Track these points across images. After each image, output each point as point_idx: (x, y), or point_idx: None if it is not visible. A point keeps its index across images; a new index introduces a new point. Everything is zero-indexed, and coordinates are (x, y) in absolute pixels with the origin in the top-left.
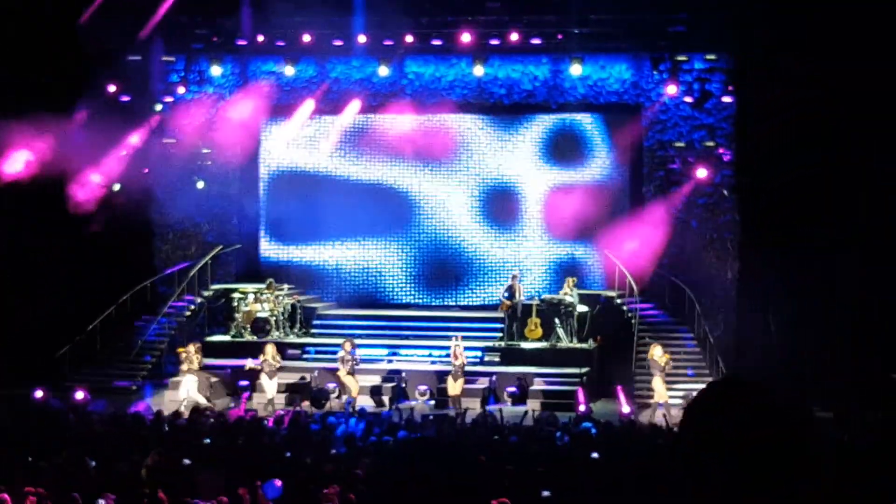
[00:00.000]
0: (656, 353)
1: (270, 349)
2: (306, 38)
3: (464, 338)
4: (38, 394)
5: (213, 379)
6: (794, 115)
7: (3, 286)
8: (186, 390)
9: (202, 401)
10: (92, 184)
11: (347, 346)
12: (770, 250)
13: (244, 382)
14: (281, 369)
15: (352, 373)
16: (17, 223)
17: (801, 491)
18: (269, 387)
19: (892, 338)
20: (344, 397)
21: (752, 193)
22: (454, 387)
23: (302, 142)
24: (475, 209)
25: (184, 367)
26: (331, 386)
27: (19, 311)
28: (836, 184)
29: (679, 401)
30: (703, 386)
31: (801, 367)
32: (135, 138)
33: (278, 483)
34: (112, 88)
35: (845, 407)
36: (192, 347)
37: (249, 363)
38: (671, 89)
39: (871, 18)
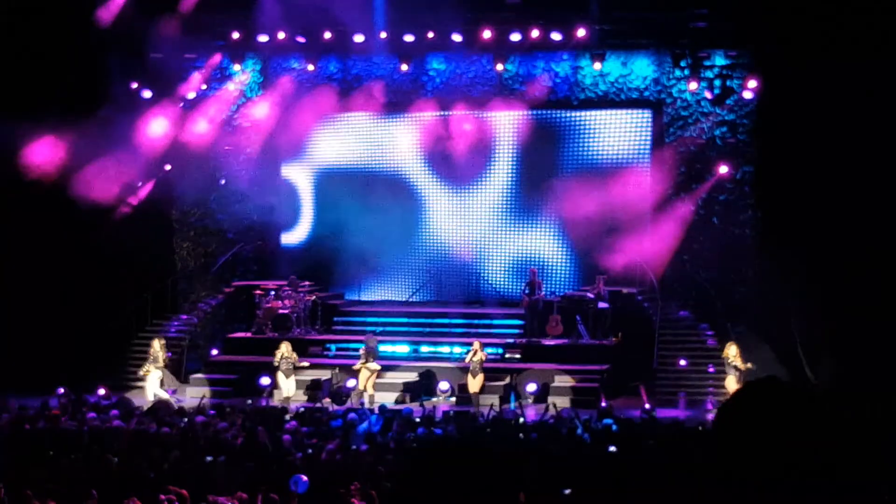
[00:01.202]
0: (731, 352)
1: (285, 347)
2: (327, 34)
3: (484, 334)
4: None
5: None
6: (816, 111)
7: (23, 286)
8: (152, 387)
9: (164, 396)
10: (113, 181)
11: (372, 343)
12: (791, 246)
13: (266, 380)
14: (298, 368)
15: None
16: (39, 221)
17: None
18: (287, 385)
19: None
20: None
21: (774, 190)
22: (473, 383)
23: (325, 138)
24: (497, 204)
25: (149, 363)
26: (352, 382)
27: (40, 310)
28: (859, 179)
29: None
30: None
31: (821, 363)
32: (156, 135)
33: (305, 478)
34: (134, 85)
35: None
36: (156, 343)
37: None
38: (692, 86)
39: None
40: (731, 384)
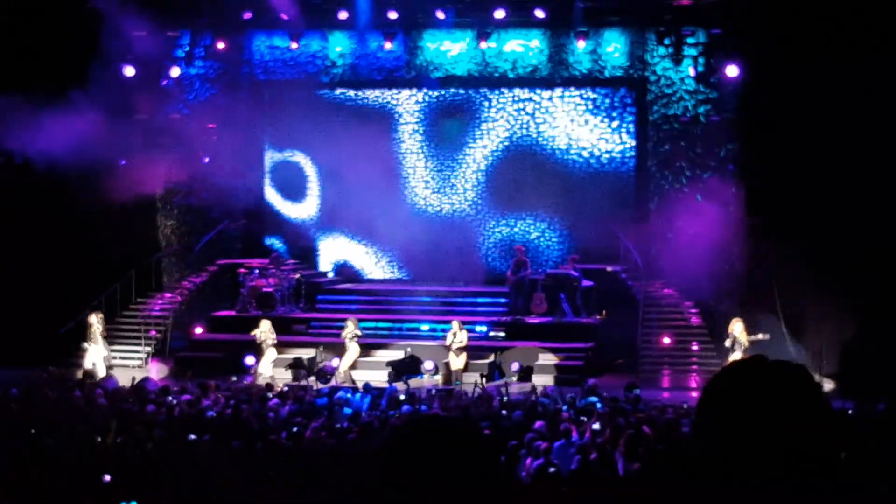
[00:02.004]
0: (736, 329)
1: (265, 324)
2: (310, 12)
3: (469, 313)
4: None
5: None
6: (801, 87)
7: (5, 265)
8: (92, 361)
9: (102, 372)
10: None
11: (351, 325)
12: (776, 222)
13: (250, 359)
14: (278, 345)
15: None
16: (21, 200)
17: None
18: (264, 362)
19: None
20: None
21: (758, 166)
22: (456, 361)
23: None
24: (482, 183)
25: (90, 337)
26: (335, 361)
27: (23, 288)
28: (846, 155)
29: None
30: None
31: (806, 339)
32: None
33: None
34: (118, 64)
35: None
36: (94, 318)
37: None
38: (677, 63)
39: None
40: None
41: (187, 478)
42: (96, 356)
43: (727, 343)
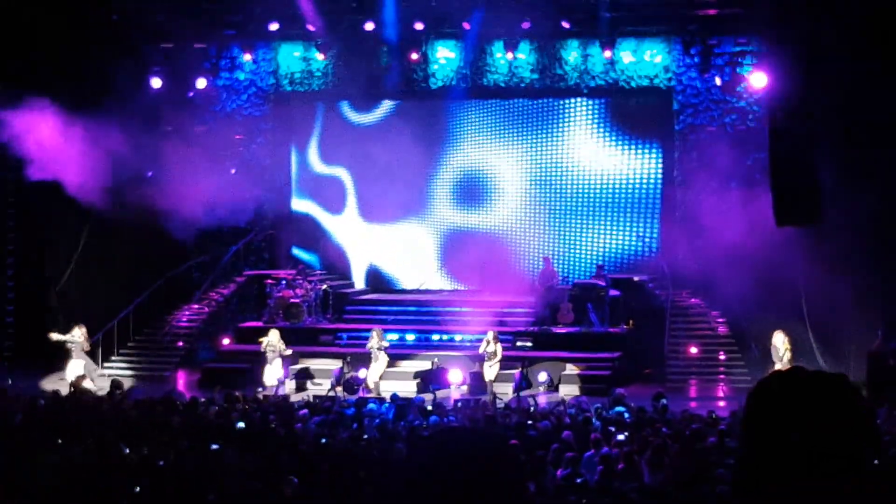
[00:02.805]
0: (778, 340)
1: (273, 334)
2: (336, 23)
3: (496, 322)
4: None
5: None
6: (828, 95)
7: (36, 274)
8: (74, 373)
9: (87, 385)
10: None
11: (375, 334)
12: (804, 231)
13: (363, 371)
14: (283, 355)
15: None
16: (54, 210)
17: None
18: (269, 372)
19: None
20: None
21: (786, 176)
22: (489, 372)
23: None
24: (512, 193)
25: (73, 350)
26: (363, 372)
27: (53, 298)
28: (875, 160)
29: None
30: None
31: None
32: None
33: None
34: (146, 76)
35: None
36: (77, 331)
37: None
38: (703, 73)
39: None
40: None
41: (213, 488)
42: (78, 369)
43: (773, 355)
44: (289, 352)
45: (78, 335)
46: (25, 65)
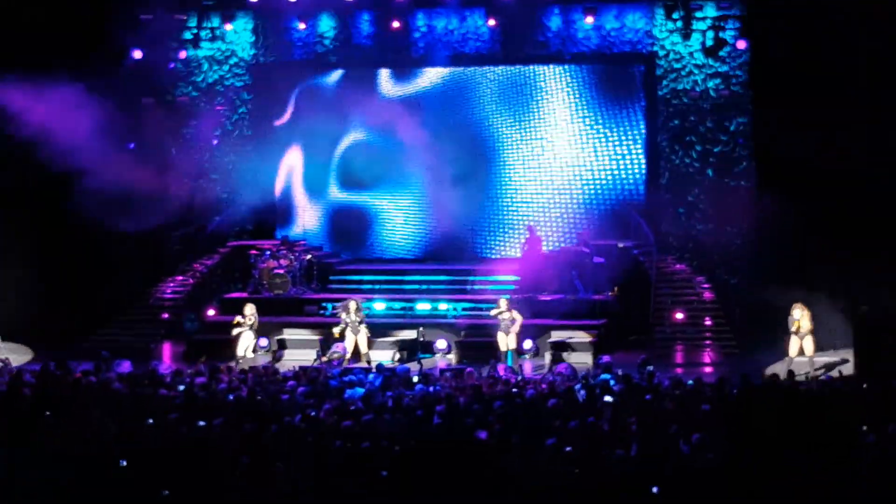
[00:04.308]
0: (796, 313)
1: (250, 308)
2: None
3: (480, 290)
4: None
5: None
6: (810, 59)
7: (21, 246)
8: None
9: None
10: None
11: (352, 306)
12: (787, 197)
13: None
14: (253, 327)
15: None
16: (29, 184)
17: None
18: (243, 344)
19: None
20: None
21: (769, 140)
22: (506, 340)
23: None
24: (497, 160)
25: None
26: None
27: (37, 273)
28: (856, 127)
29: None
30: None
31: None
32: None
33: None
34: (126, 47)
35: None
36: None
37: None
38: (685, 38)
39: None
40: (794, 348)
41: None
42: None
43: (792, 328)
44: (254, 326)
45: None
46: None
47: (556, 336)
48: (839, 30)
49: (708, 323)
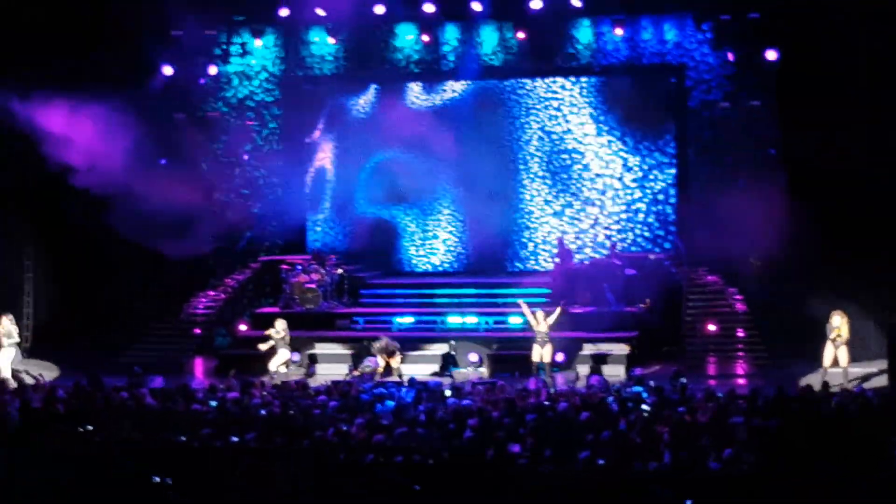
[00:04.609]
0: (836, 321)
1: (281, 323)
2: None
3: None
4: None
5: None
6: (840, 70)
7: (54, 262)
8: (4, 362)
9: (6, 373)
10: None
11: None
12: (818, 206)
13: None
14: (285, 341)
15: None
16: (64, 201)
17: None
18: (276, 361)
19: None
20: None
21: (799, 151)
22: (541, 353)
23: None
24: (525, 173)
25: (5, 337)
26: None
27: (70, 286)
28: (886, 139)
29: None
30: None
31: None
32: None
33: None
34: (157, 63)
35: None
36: (5, 319)
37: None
38: (716, 49)
39: None
40: (829, 357)
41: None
42: (6, 358)
43: (830, 335)
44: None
45: (6, 323)
46: (35, 56)
47: (589, 349)
48: (871, 38)
49: (740, 334)
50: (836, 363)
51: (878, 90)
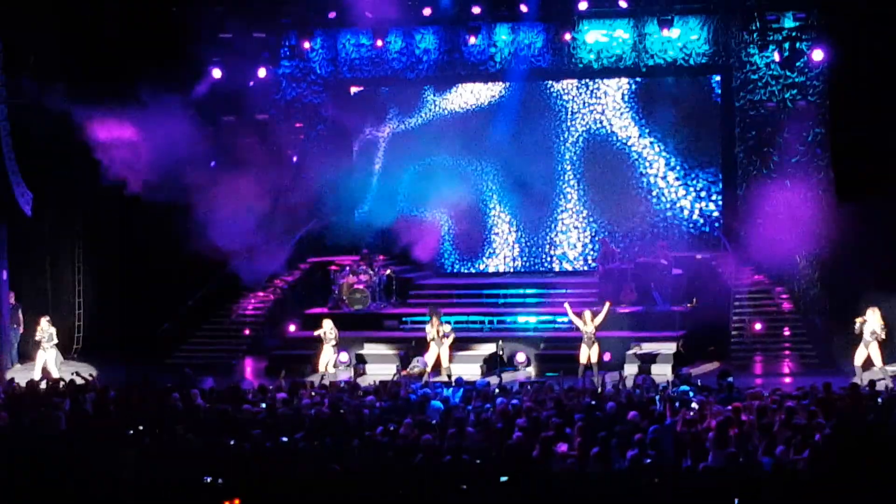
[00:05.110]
0: (871, 317)
1: (328, 324)
2: (392, 9)
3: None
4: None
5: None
6: (889, 69)
7: (104, 264)
8: (44, 363)
9: (55, 374)
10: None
11: (435, 322)
12: (865, 206)
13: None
14: (334, 342)
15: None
16: (114, 204)
17: None
18: (323, 360)
19: None
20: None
21: (847, 150)
22: (589, 354)
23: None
24: (569, 173)
25: (44, 340)
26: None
27: (121, 289)
28: None
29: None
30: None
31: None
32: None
33: None
34: (206, 66)
35: None
36: (44, 322)
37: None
38: (762, 49)
39: None
40: (861, 357)
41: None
42: (50, 359)
43: (865, 334)
44: (333, 342)
45: (45, 325)
46: (86, 63)
47: (636, 348)
48: None
49: (787, 333)
50: (868, 363)
51: None
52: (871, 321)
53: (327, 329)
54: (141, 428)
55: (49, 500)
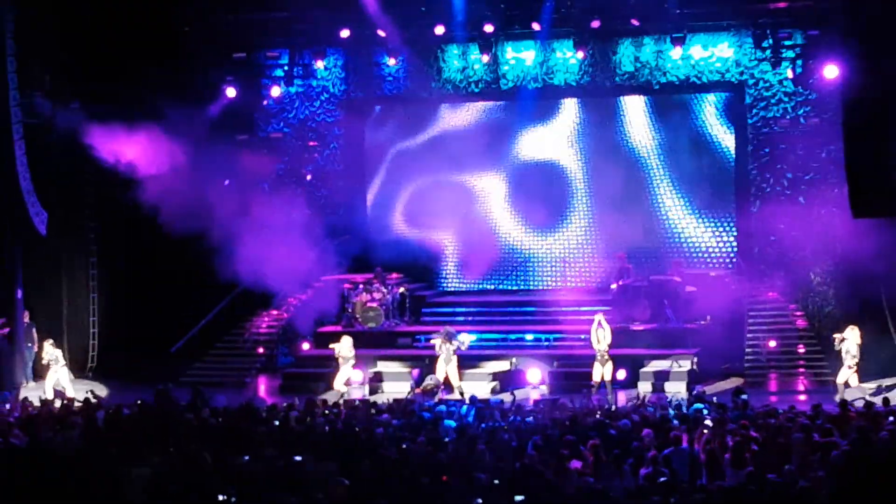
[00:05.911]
0: (850, 335)
1: (346, 340)
2: (406, 28)
3: (572, 321)
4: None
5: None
6: None
7: (118, 283)
8: (55, 383)
9: (70, 393)
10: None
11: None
12: (880, 223)
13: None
14: (349, 360)
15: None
16: (128, 222)
17: None
18: (339, 378)
19: None
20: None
21: (861, 167)
22: (602, 371)
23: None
24: (587, 190)
25: (52, 362)
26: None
27: (135, 306)
28: None
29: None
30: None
31: None
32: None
33: None
34: (220, 85)
35: None
36: (47, 345)
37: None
38: (775, 66)
39: None
40: (844, 375)
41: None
42: (63, 377)
43: (842, 351)
44: (351, 360)
45: (49, 348)
46: (100, 80)
47: (650, 365)
48: None
49: (801, 350)
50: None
51: None
52: (850, 339)
53: (346, 347)
54: (154, 446)
55: None
